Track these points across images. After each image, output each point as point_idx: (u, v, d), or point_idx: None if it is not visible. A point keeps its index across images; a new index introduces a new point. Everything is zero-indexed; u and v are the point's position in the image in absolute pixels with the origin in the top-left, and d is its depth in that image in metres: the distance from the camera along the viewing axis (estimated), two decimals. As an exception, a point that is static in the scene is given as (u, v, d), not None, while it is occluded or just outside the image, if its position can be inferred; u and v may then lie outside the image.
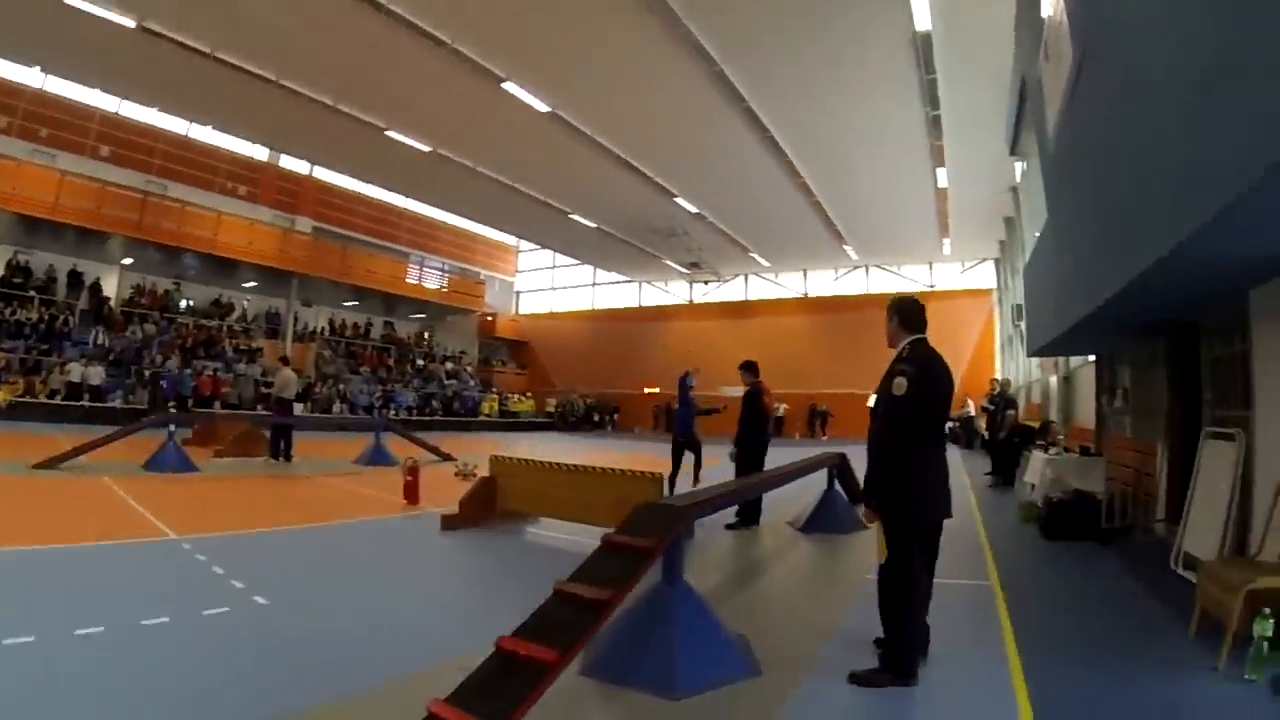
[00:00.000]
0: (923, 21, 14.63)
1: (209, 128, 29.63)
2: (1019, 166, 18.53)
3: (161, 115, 28.98)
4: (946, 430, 4.54)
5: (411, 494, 10.70)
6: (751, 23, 15.74)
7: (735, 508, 9.39)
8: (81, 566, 6.36)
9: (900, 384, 4.27)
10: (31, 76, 26.56)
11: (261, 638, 4.79)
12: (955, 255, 36.09)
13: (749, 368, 10.66)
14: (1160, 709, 4.10)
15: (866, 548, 8.31)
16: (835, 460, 10.20)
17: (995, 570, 7.40)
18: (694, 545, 8.19)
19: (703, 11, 15.44)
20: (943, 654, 4.60)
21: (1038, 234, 15.01)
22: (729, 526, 9.42)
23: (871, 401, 4.61)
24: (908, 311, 4.68)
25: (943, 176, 23.63)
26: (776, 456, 10.21)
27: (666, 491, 8.33)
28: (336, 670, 4.26)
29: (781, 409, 37.20)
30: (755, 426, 10.07)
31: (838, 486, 10.20)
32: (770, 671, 4.38)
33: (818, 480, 10.10)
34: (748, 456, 9.94)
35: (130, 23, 17.27)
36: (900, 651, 4.31)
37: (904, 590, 4.34)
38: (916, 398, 4.26)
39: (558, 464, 9.06)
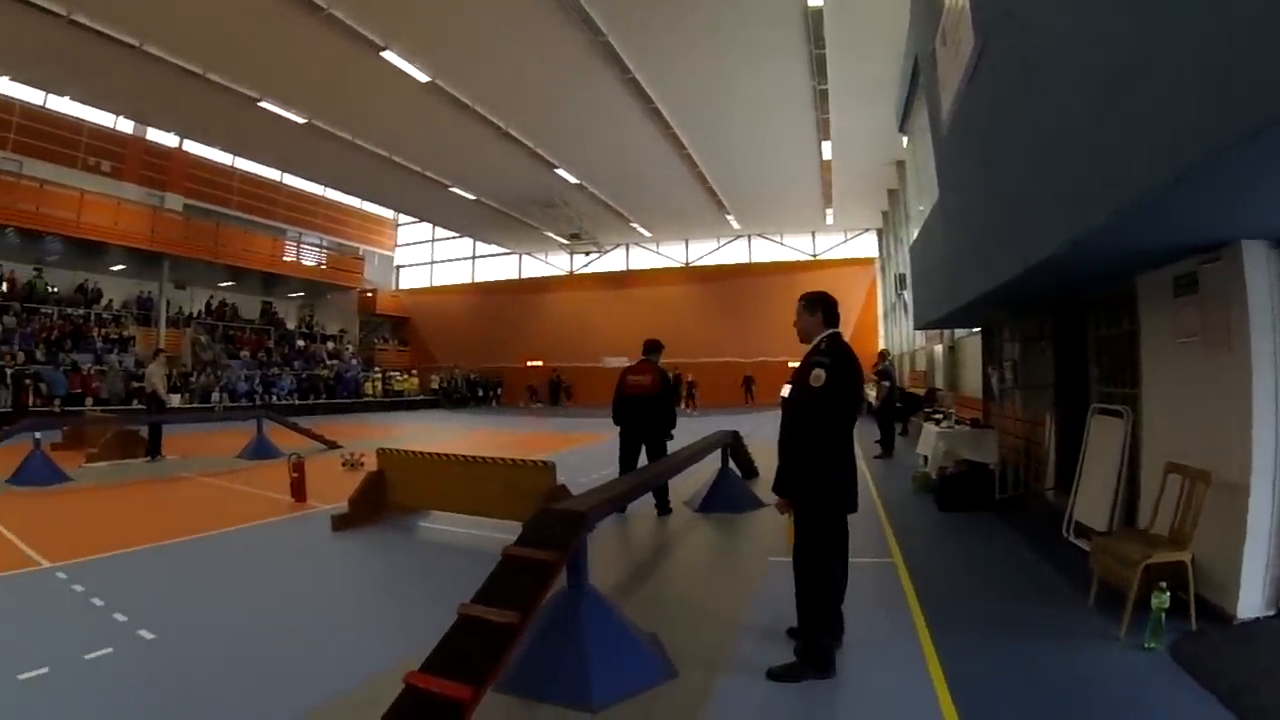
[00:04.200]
0: (814, -3, 14.76)
1: (68, 99, 27.39)
2: (904, 140, 18.87)
3: (14, 86, 26.70)
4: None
5: (298, 492, 10.28)
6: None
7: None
8: None
9: (819, 375, 4.25)
10: None
11: (150, 682, 4.35)
12: (838, 225, 36.96)
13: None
14: (1071, 680, 4.21)
15: (763, 528, 8.38)
16: (728, 440, 10.20)
17: (897, 546, 7.49)
18: (592, 537, 8.07)
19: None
20: (857, 640, 4.60)
21: (921, 209, 15.32)
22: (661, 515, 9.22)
23: (785, 391, 4.54)
24: (829, 307, 4.64)
25: (827, 149, 23.93)
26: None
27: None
28: (235, 715, 3.94)
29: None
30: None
31: (732, 465, 10.23)
32: (686, 671, 4.32)
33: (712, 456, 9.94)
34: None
35: None
36: (818, 644, 4.30)
37: (820, 583, 4.34)
38: (834, 390, 4.24)
39: (447, 455, 8.82)
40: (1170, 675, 4.23)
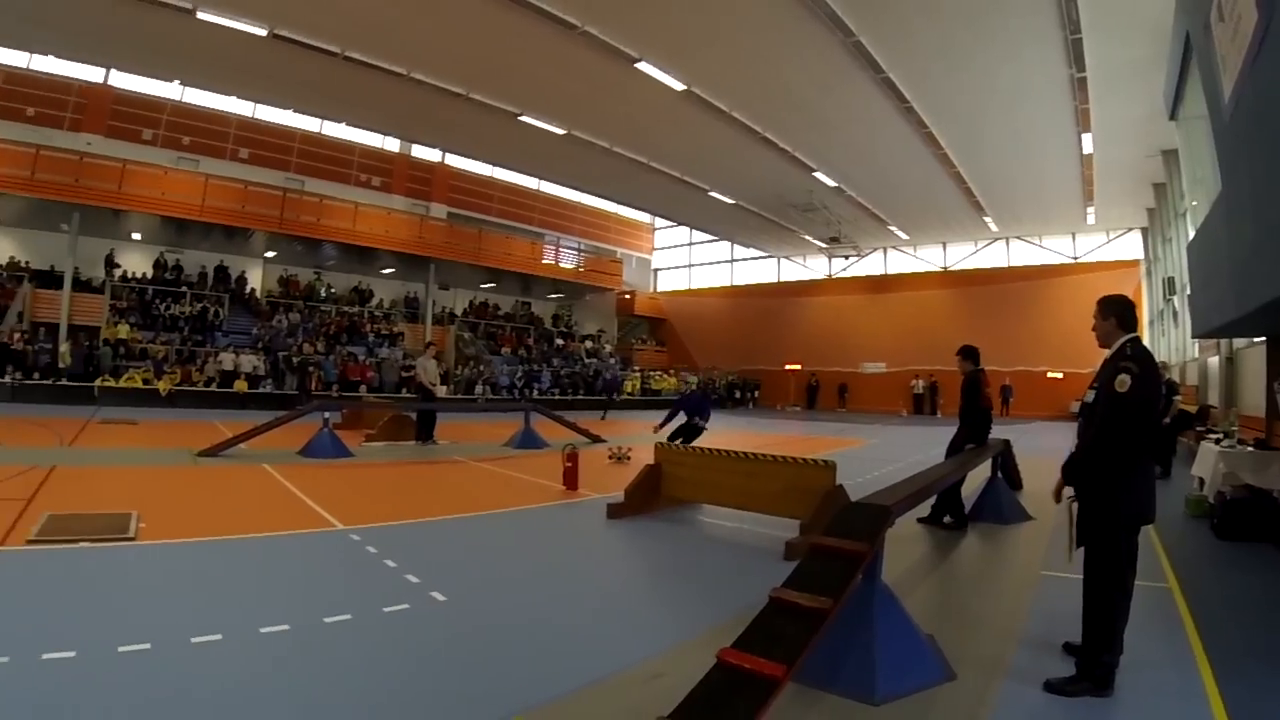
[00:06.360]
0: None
1: (342, 124, 30.94)
2: (1175, 128, 17.57)
3: (295, 115, 30.75)
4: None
5: (571, 480, 10.75)
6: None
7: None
8: (258, 559, 6.52)
9: (1124, 380, 4.17)
10: (171, 90, 28.92)
11: (446, 638, 4.77)
12: (1100, 225, 34.61)
13: (966, 353, 9.54)
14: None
15: (1033, 541, 8.17)
16: (1000, 448, 9.91)
17: (1171, 571, 7.06)
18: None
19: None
20: (1131, 662, 4.40)
21: (1195, 203, 14.23)
22: (944, 526, 8.89)
23: (1089, 397, 4.45)
24: (1122, 311, 4.56)
25: (1087, 141, 22.65)
26: (931, 438, 9.89)
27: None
28: (528, 676, 4.19)
29: (921, 385, 36.43)
30: (973, 417, 9.29)
31: (1000, 475, 9.94)
32: (963, 675, 4.32)
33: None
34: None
35: (262, 31, 18.25)
36: (1100, 659, 4.20)
37: (1114, 596, 4.25)
38: (1139, 397, 4.17)
39: (725, 451, 8.98)
40: None
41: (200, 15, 17.99)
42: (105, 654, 4.11)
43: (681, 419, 12.36)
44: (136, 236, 28.88)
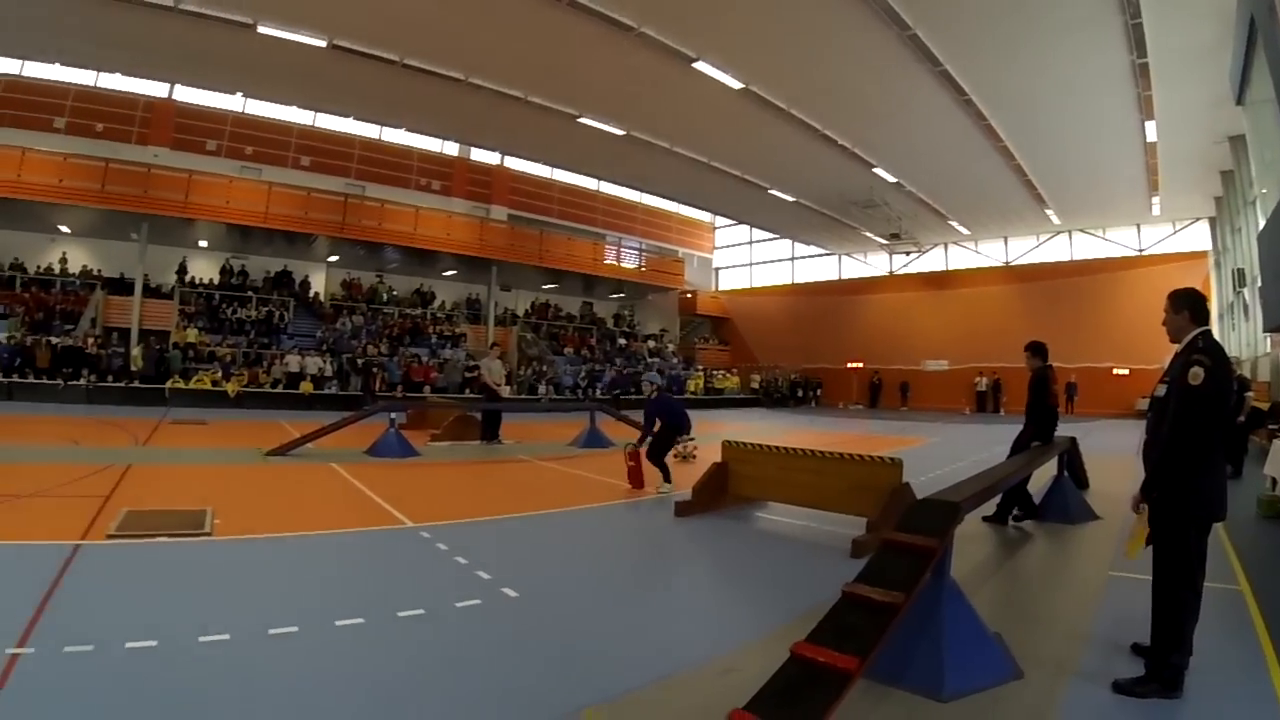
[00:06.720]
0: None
1: (401, 129, 31.85)
2: (1242, 113, 17.07)
3: (355, 123, 31.59)
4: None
5: (636, 478, 10.82)
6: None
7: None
8: (330, 555, 6.73)
9: (1197, 374, 4.10)
10: (233, 102, 29.92)
11: (520, 633, 4.82)
12: (1165, 215, 33.74)
13: (1035, 349, 9.25)
14: None
15: (1100, 541, 8.04)
16: (1066, 446, 9.74)
17: (1242, 572, 6.90)
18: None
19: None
20: (1201, 664, 4.32)
21: (1264, 190, 13.90)
22: (1011, 521, 8.84)
23: (1160, 391, 4.41)
24: (1195, 304, 4.47)
25: (1151, 129, 22.16)
26: (994, 436, 9.74)
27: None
28: (599, 670, 4.28)
29: (984, 383, 35.93)
30: (1040, 414, 9.05)
31: (1066, 473, 9.78)
32: (1031, 674, 4.30)
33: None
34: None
35: (321, 42, 18.68)
36: (1169, 660, 4.14)
37: (1184, 596, 4.19)
38: (1212, 390, 4.11)
39: (792, 449, 9.00)
40: None
41: (261, 29, 18.57)
42: (186, 644, 4.30)
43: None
44: (203, 244, 29.79)
